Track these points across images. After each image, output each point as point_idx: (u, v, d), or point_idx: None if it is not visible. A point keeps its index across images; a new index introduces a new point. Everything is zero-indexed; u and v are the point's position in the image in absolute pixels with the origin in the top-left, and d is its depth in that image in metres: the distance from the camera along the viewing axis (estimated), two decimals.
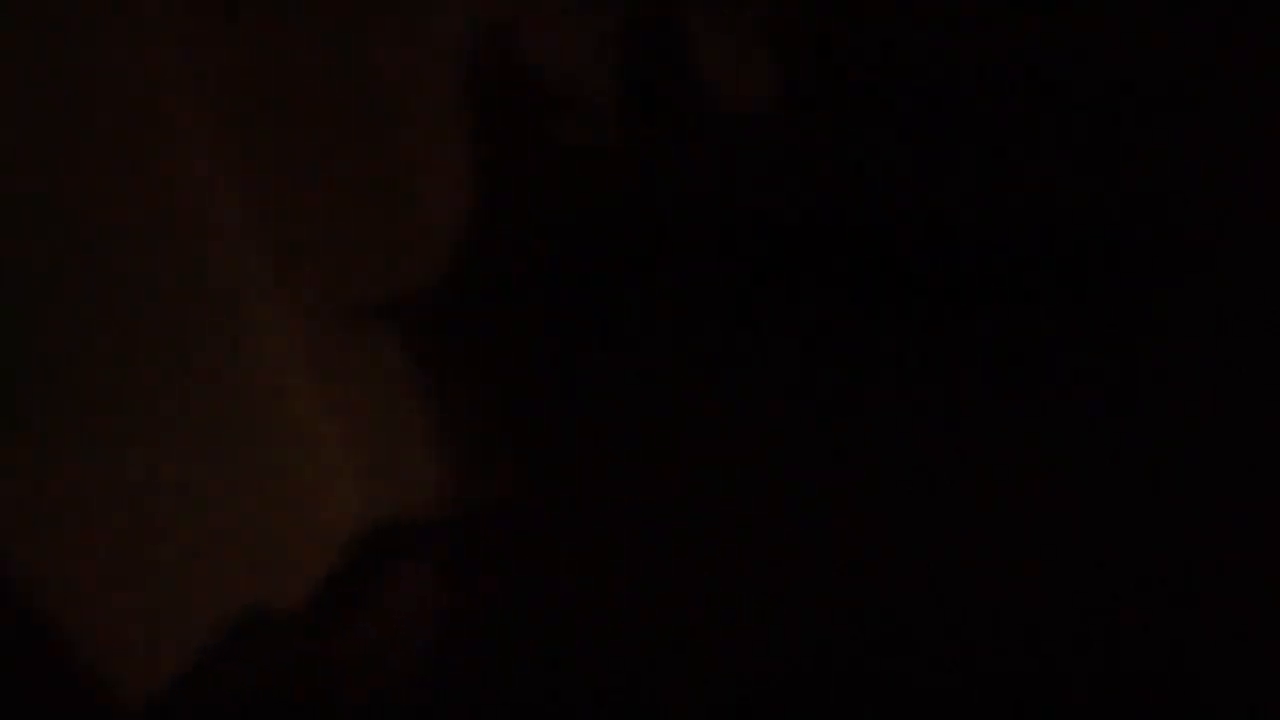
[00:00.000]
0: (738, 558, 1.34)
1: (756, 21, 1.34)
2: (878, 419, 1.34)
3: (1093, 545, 1.30)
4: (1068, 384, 1.32)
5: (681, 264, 1.36)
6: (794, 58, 1.35)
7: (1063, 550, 1.31)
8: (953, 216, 1.33)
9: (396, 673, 1.36)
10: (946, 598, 1.31)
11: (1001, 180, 1.33)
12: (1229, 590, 1.28)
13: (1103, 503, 1.31)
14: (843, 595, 1.33)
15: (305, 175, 1.41)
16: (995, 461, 1.32)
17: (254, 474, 1.43)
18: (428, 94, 1.39)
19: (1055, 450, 1.32)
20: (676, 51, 1.36)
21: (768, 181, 1.35)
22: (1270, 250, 1.30)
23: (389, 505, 1.41)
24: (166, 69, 1.37)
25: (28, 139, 1.33)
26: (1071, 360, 1.32)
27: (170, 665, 1.37)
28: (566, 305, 1.39)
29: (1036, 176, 1.33)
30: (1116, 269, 1.32)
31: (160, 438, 1.39)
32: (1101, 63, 1.31)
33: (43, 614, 1.35)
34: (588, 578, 1.36)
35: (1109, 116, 1.32)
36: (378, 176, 1.41)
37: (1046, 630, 1.30)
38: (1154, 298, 1.32)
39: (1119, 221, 1.32)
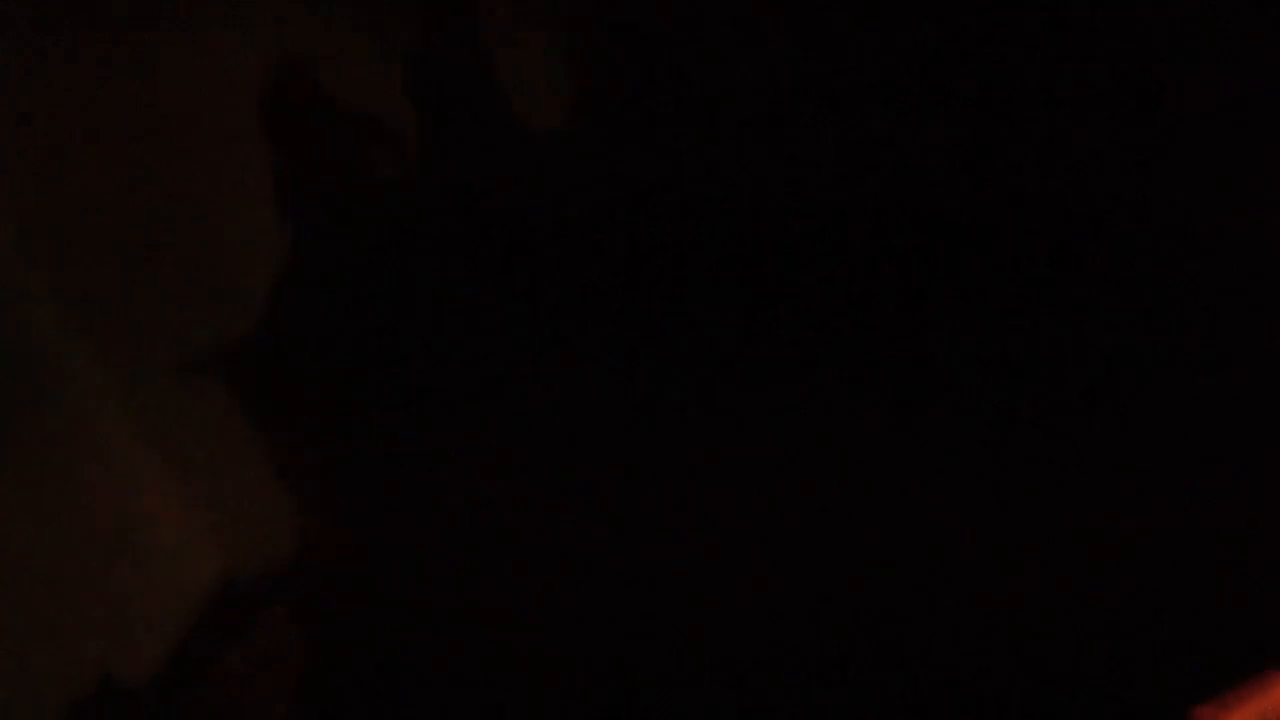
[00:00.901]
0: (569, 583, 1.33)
1: (550, 36, 1.34)
2: (870, 420, 1.34)
3: (1092, 545, 1.31)
4: (1067, 383, 1.32)
5: (505, 286, 1.35)
6: (592, 67, 1.35)
7: (1061, 550, 1.31)
8: (948, 216, 1.33)
9: None
10: (945, 598, 1.32)
11: (999, 180, 1.33)
12: (1229, 590, 1.28)
13: (1101, 503, 1.31)
14: (840, 596, 1.33)
15: (105, 223, 1.37)
16: (994, 461, 1.32)
17: (92, 538, 1.38)
18: (231, 131, 1.36)
19: (1054, 449, 1.32)
20: (476, 70, 1.35)
21: (585, 192, 1.35)
22: (1271, 250, 1.30)
23: (237, 558, 1.38)
24: None
25: None
26: (1071, 359, 1.32)
27: None
28: (388, 335, 1.37)
29: (1032, 177, 1.33)
30: (1116, 269, 1.32)
31: None
32: (1100, 61, 1.31)
33: None
34: (449, 615, 1.35)
35: (1108, 116, 1.32)
36: (182, 218, 1.36)
37: (1046, 630, 1.30)
38: (1154, 297, 1.32)
39: (1119, 222, 1.32)
